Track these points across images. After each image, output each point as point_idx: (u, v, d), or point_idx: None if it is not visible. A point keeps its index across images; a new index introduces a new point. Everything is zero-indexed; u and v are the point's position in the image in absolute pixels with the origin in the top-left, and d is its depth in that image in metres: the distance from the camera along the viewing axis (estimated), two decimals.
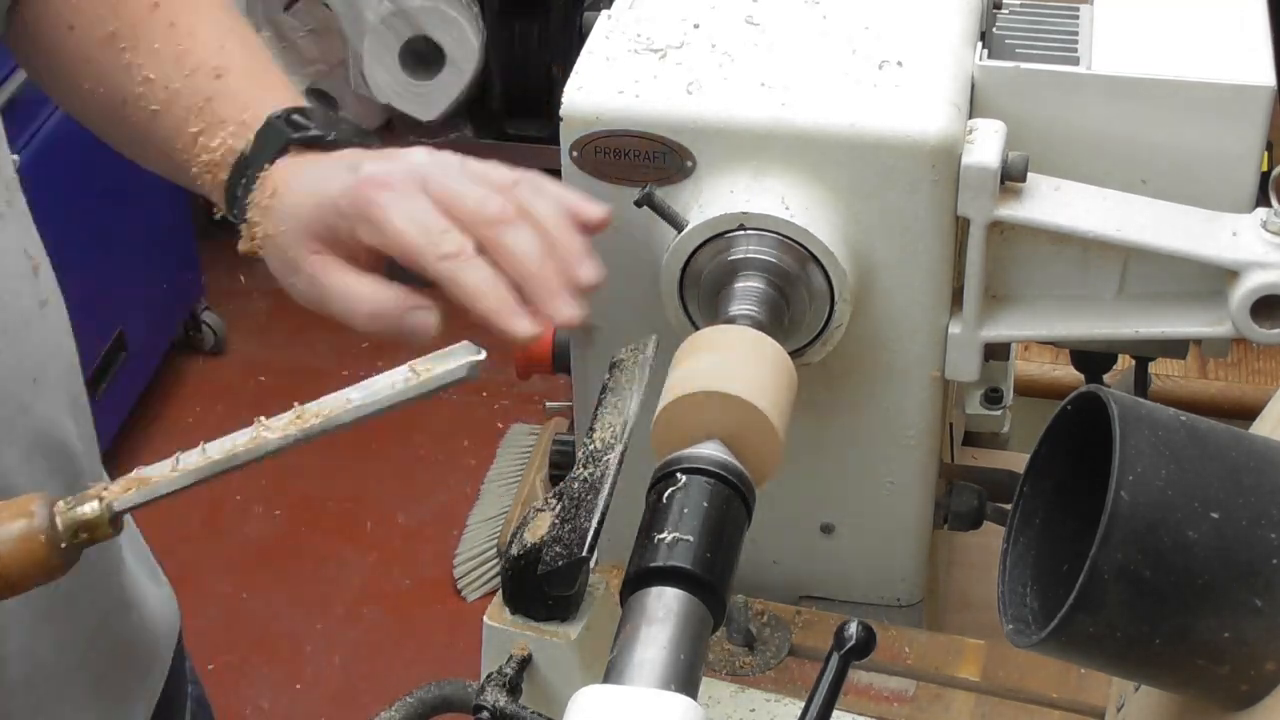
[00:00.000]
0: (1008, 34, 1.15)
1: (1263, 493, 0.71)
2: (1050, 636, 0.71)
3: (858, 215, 1.02)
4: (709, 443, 0.87)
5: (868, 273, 1.04)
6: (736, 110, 1.02)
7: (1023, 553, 0.78)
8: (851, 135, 1.00)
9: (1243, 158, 1.06)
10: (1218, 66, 1.06)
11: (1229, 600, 0.70)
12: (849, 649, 0.80)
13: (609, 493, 0.85)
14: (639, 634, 0.76)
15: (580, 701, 0.73)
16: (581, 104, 1.04)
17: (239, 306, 3.34)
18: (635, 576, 0.80)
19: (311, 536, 2.92)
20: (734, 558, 0.83)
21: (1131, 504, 0.69)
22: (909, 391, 1.09)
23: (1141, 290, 1.06)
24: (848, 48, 1.06)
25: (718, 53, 1.06)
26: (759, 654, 1.11)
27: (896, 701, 1.08)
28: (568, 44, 3.09)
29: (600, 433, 0.89)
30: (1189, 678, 0.73)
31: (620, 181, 1.04)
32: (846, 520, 1.15)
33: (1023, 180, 1.03)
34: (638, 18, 1.10)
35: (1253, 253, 1.01)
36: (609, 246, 1.06)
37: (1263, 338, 1.02)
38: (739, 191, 1.01)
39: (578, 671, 0.89)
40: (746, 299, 0.99)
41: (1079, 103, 1.07)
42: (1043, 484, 0.78)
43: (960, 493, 1.18)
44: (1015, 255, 1.07)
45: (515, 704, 0.87)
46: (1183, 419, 0.73)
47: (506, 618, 0.90)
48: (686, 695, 0.74)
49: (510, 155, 3.17)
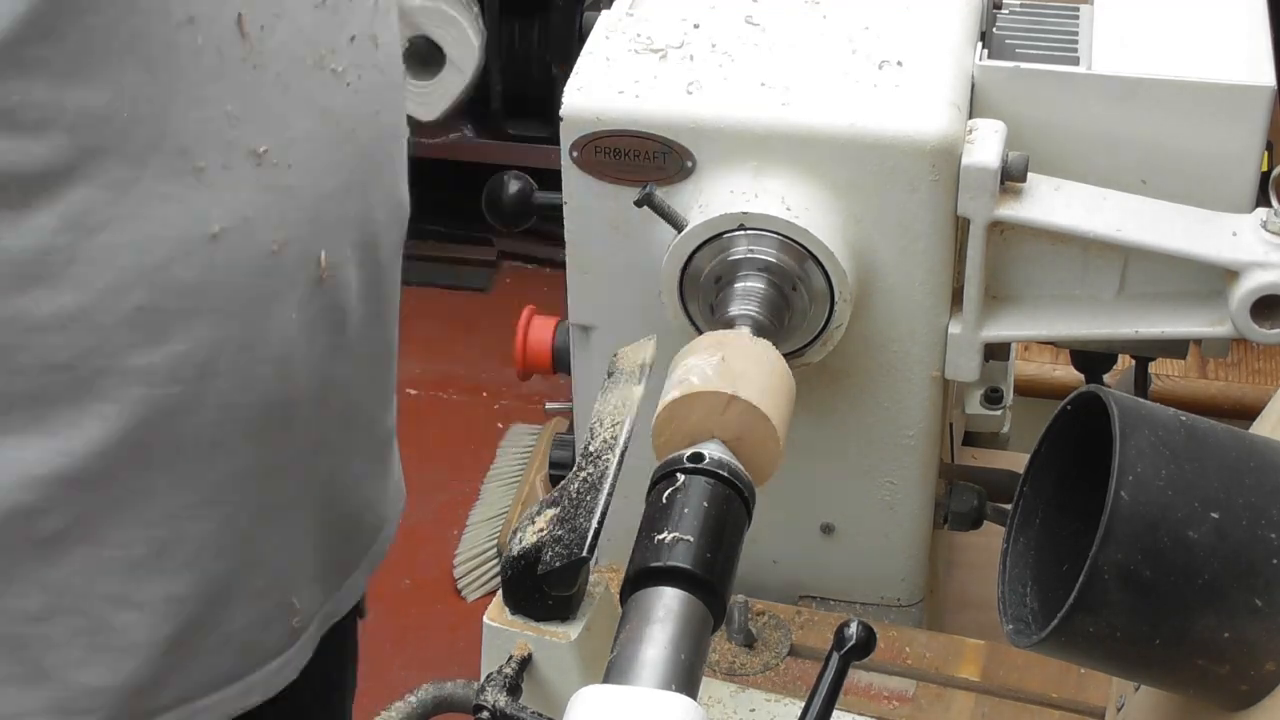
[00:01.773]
0: (1008, 34, 1.15)
1: (1263, 493, 0.71)
2: (1050, 636, 0.71)
3: (858, 215, 1.02)
4: (709, 443, 0.87)
5: (868, 273, 1.04)
6: (736, 110, 1.02)
7: (1023, 553, 0.78)
8: (851, 135, 1.00)
9: (1243, 158, 1.06)
10: (1218, 66, 1.06)
11: (1229, 600, 0.70)
12: (849, 649, 0.80)
13: (609, 493, 0.85)
14: (639, 634, 0.76)
15: (580, 701, 0.73)
16: (582, 104, 1.04)
17: None
18: (635, 576, 0.80)
19: None
20: (734, 558, 0.83)
21: (1131, 504, 0.69)
22: (909, 391, 1.09)
23: (1141, 290, 1.06)
24: (848, 48, 1.06)
25: (718, 53, 1.06)
26: (759, 654, 1.11)
27: (896, 701, 1.08)
28: (568, 44, 3.09)
29: (600, 433, 0.89)
30: (1189, 678, 0.73)
31: (620, 181, 1.04)
32: (846, 520, 1.15)
33: (1023, 180, 1.03)
34: (638, 18, 1.10)
35: (1253, 253, 1.01)
36: (609, 246, 1.07)
37: (1262, 338, 1.02)
38: (739, 191, 1.01)
39: (578, 671, 0.89)
40: (746, 299, 0.99)
41: (1079, 103, 1.07)
42: (1043, 484, 0.78)
43: (960, 493, 1.18)
44: (1015, 255, 1.07)
45: (515, 704, 0.87)
46: (1183, 419, 0.73)
47: (506, 618, 0.90)
48: (686, 695, 0.74)
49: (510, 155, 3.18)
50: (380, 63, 1.01)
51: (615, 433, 0.89)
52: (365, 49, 0.99)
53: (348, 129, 0.98)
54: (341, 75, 0.96)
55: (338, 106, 0.96)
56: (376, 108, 1.01)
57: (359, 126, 0.99)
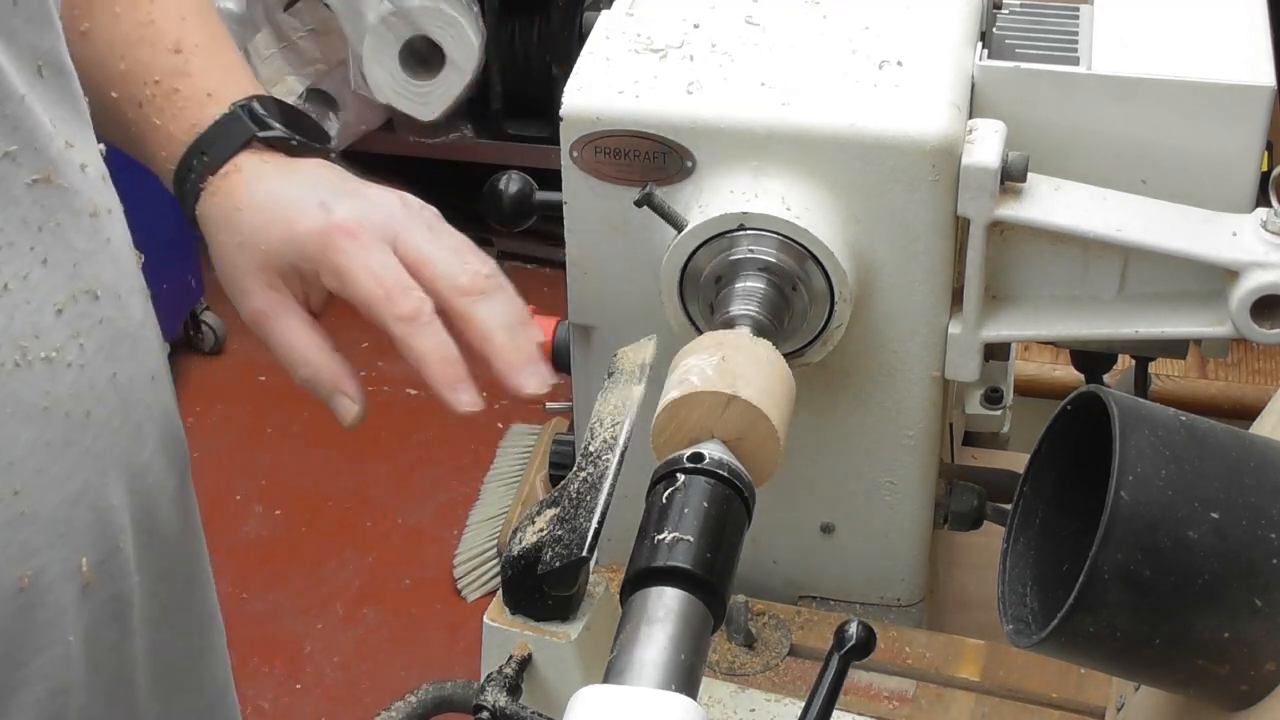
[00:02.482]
0: (1008, 34, 1.15)
1: (1263, 493, 0.71)
2: (1050, 636, 0.71)
3: (858, 215, 1.02)
4: (709, 443, 0.87)
5: (868, 273, 1.04)
6: (736, 110, 1.02)
7: (1023, 553, 0.78)
8: (852, 135, 1.00)
9: (1243, 158, 1.06)
10: (1218, 66, 1.06)
11: (1229, 600, 0.70)
12: (849, 649, 0.80)
13: (609, 493, 0.85)
14: (639, 634, 0.76)
15: (580, 701, 0.73)
16: (581, 104, 1.04)
17: None
18: (635, 576, 0.80)
19: (311, 536, 2.92)
20: (734, 558, 0.83)
21: (1131, 504, 0.69)
22: (909, 391, 1.09)
23: (1141, 290, 1.06)
24: (848, 48, 1.06)
25: (718, 53, 1.06)
26: (759, 654, 1.11)
27: (896, 701, 1.08)
28: (568, 44, 3.09)
29: (600, 433, 0.89)
30: (1189, 678, 0.73)
31: (620, 181, 1.04)
32: (846, 520, 1.15)
33: (1023, 180, 1.03)
34: (638, 18, 1.10)
35: (1253, 253, 1.01)
36: (609, 246, 1.07)
37: (1263, 338, 1.02)
38: (739, 191, 1.01)
39: (578, 671, 0.89)
40: (747, 299, 0.99)
41: (1079, 103, 1.07)
42: (1043, 484, 0.78)
43: (960, 493, 1.18)
44: (1015, 255, 1.07)
45: (515, 704, 0.87)
46: (1183, 419, 0.73)
47: (506, 618, 0.90)
48: (686, 695, 0.74)
49: (510, 155, 3.19)
50: (107, 313, 0.88)
51: (615, 433, 0.89)
52: (83, 309, 0.86)
53: (82, 413, 0.86)
54: (57, 359, 0.84)
55: (61, 395, 0.85)
56: (113, 370, 0.89)
57: (95, 404, 0.87)
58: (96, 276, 0.87)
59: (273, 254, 0.94)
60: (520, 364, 0.93)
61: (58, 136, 0.84)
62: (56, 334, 0.84)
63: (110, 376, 0.88)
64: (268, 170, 0.96)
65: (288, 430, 3.05)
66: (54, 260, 0.84)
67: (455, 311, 0.92)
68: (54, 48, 0.85)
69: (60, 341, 0.84)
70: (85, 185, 0.87)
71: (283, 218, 0.94)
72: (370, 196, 0.96)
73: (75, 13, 0.97)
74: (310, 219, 0.93)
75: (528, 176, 1.10)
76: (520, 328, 0.94)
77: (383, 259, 0.92)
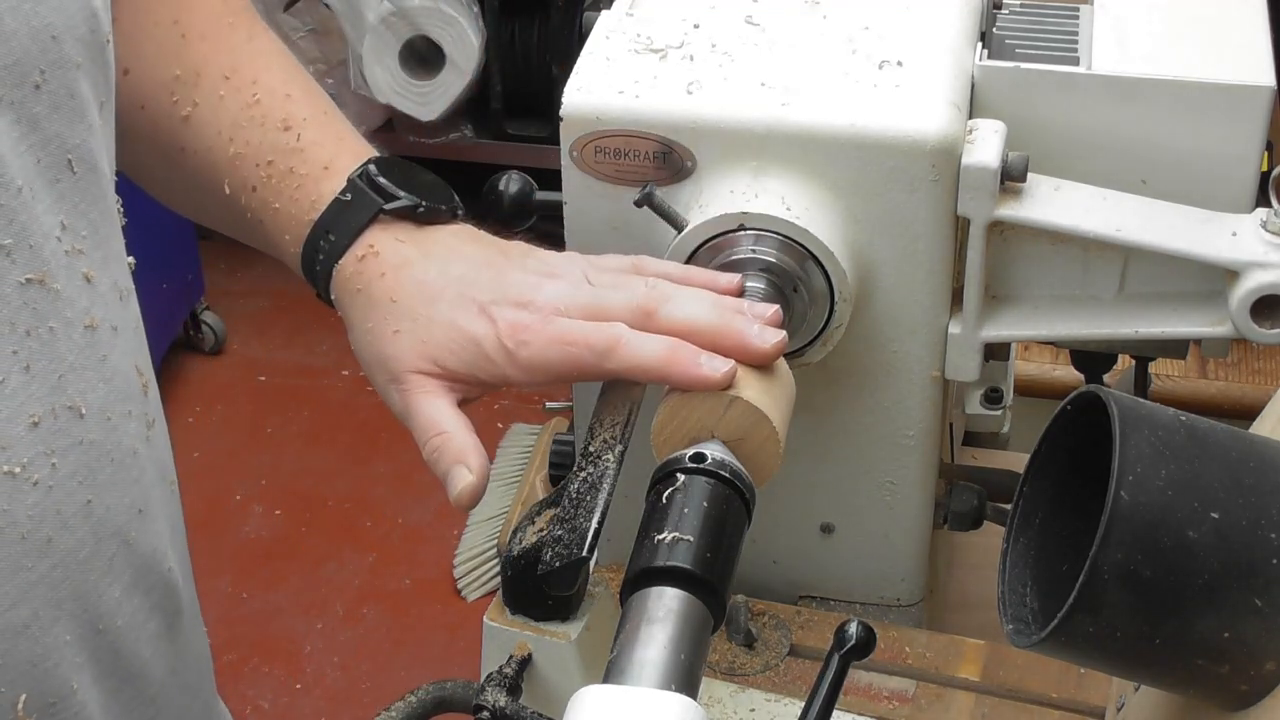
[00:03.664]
0: (1008, 34, 1.15)
1: (1263, 493, 0.71)
2: (1050, 636, 0.71)
3: (858, 215, 1.02)
4: (710, 443, 0.87)
5: (868, 273, 1.04)
6: (736, 110, 1.02)
7: (1023, 553, 0.78)
8: (851, 135, 1.00)
9: (1243, 158, 1.06)
10: (1218, 66, 1.06)
11: (1229, 600, 0.70)
12: (849, 649, 0.80)
13: (609, 493, 0.86)
14: (639, 634, 0.76)
15: (580, 701, 0.73)
16: (581, 104, 1.04)
17: (239, 306, 3.34)
18: (635, 576, 0.80)
19: (311, 536, 2.92)
20: (734, 558, 0.83)
21: (1131, 504, 0.69)
22: (909, 391, 1.09)
23: (1141, 290, 1.06)
24: (848, 48, 1.06)
25: (718, 53, 1.06)
26: (759, 654, 1.11)
27: (896, 701, 1.08)
28: (568, 44, 3.09)
29: (600, 433, 0.89)
30: (1189, 678, 0.73)
31: (620, 181, 1.04)
32: (846, 520, 1.15)
33: (1023, 180, 1.03)
34: (638, 18, 1.10)
35: (1253, 253, 1.01)
36: (609, 246, 1.07)
37: (1263, 338, 1.02)
38: (739, 191, 1.01)
39: (578, 671, 0.89)
40: (746, 299, 0.99)
41: (1079, 103, 1.07)
42: (1043, 484, 0.78)
43: (960, 493, 1.18)
44: (1015, 255, 1.07)
45: (515, 704, 0.87)
46: (1183, 419, 0.73)
47: (506, 618, 0.90)
48: (686, 695, 0.74)
49: (510, 155, 3.19)
50: (91, 435, 0.81)
51: (615, 433, 0.89)
52: (63, 425, 0.79)
53: (42, 538, 0.79)
54: (21, 475, 0.77)
55: (19, 515, 0.77)
56: (87, 496, 0.81)
57: (59, 531, 0.79)
58: (83, 394, 0.80)
59: (437, 349, 0.91)
60: (738, 333, 0.89)
61: (64, 239, 0.78)
62: (26, 448, 0.77)
63: (84, 503, 0.81)
64: (408, 253, 0.93)
65: (287, 430, 3.04)
66: (37, 369, 0.77)
67: (651, 329, 0.89)
68: (84, 143, 0.79)
69: (29, 457, 0.77)
70: (84, 296, 0.80)
71: (446, 319, 0.91)
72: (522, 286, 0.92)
73: (175, 99, 0.94)
74: (478, 327, 0.90)
75: (528, 176, 1.10)
76: (719, 310, 0.90)
77: (562, 331, 0.89)
